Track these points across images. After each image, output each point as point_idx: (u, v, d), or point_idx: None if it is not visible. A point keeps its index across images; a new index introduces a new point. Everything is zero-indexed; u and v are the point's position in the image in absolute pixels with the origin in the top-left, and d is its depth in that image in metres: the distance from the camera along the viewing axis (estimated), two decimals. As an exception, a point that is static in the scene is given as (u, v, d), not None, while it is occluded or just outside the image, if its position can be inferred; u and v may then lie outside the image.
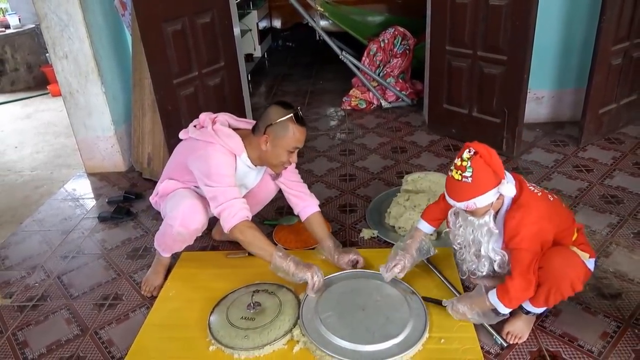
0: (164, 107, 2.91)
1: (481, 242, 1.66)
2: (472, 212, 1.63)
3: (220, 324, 1.86)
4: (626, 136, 3.27)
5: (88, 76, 3.04)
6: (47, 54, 6.43)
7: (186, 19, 2.94)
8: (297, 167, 3.09)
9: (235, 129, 2.02)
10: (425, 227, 1.96)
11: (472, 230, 1.67)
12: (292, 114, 1.87)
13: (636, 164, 2.92)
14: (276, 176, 2.14)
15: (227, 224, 1.87)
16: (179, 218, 1.95)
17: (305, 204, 2.20)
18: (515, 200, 1.62)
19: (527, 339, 1.77)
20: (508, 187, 1.57)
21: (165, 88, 2.90)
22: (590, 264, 1.71)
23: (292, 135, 1.89)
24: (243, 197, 2.19)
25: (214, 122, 1.99)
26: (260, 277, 2.08)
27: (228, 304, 1.96)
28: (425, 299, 1.91)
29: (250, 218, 1.91)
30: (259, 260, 2.25)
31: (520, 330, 1.76)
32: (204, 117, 2.04)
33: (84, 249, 2.52)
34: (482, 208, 1.59)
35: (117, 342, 1.91)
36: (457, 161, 1.56)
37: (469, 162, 1.53)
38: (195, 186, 2.03)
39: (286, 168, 2.05)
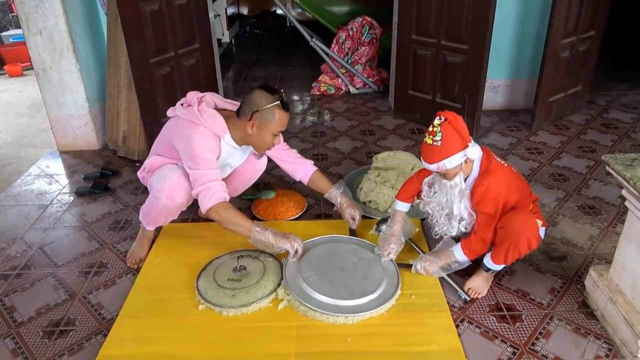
0: (141, 85, 2.97)
1: (454, 202, 1.86)
2: (445, 175, 1.82)
3: (208, 285, 1.98)
4: (572, 123, 3.59)
5: (63, 53, 3.04)
6: (1, 34, 6.22)
7: (163, -1, 3.00)
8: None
9: (222, 110, 2.09)
10: (403, 207, 2.14)
11: (446, 193, 1.87)
12: (278, 101, 1.96)
13: (580, 147, 3.23)
14: (260, 156, 2.26)
15: (204, 205, 1.95)
16: (166, 191, 2.02)
17: (303, 168, 2.35)
18: (484, 168, 1.84)
19: (487, 294, 1.99)
20: (473, 150, 1.77)
21: (142, 67, 2.95)
22: (542, 232, 1.94)
23: (278, 120, 1.99)
24: (229, 176, 2.30)
25: (200, 102, 2.05)
26: (243, 245, 2.19)
27: (214, 268, 2.08)
28: (399, 264, 2.09)
29: (227, 199, 2.00)
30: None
31: (480, 286, 1.98)
32: (192, 95, 2.09)
33: (64, 221, 2.56)
34: (452, 169, 1.78)
35: (107, 305, 1.99)
36: (430, 127, 1.76)
37: (438, 128, 1.73)
38: (182, 162, 2.09)
39: (270, 149, 2.16)
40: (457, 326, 1.84)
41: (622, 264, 1.80)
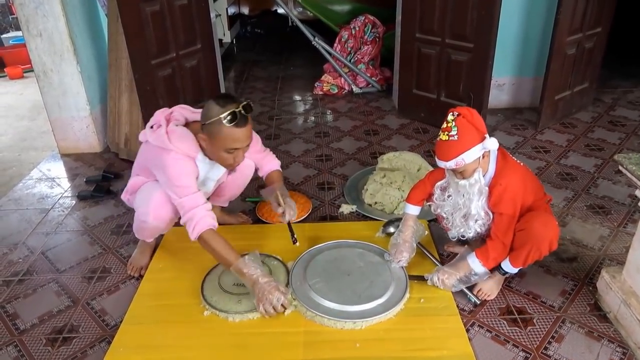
0: (142, 87, 2.94)
1: (472, 201, 1.80)
2: (462, 172, 1.76)
3: (213, 290, 1.95)
4: (579, 121, 3.55)
5: (63, 55, 3.01)
6: (1, 36, 6.21)
7: (164, 0, 2.96)
8: (274, 148, 3.21)
9: (194, 122, 1.95)
10: (414, 210, 2.07)
11: (464, 194, 1.81)
12: (225, 114, 1.71)
13: (587, 145, 3.19)
14: (231, 172, 2.06)
15: (191, 236, 1.86)
16: (151, 213, 1.93)
17: (267, 165, 2.21)
18: (500, 167, 1.79)
19: (496, 297, 1.95)
20: (491, 141, 1.71)
21: (144, 68, 2.92)
22: None
23: (225, 136, 1.76)
24: (219, 189, 2.20)
25: (168, 120, 1.91)
26: (247, 248, 2.16)
27: (219, 272, 2.04)
28: (411, 277, 2.02)
29: (215, 226, 1.86)
30: (246, 233, 2.35)
31: (490, 288, 1.94)
32: (159, 115, 1.94)
33: (66, 226, 2.53)
34: (471, 165, 1.72)
35: (110, 311, 1.96)
36: (444, 124, 1.71)
37: (453, 123, 1.68)
38: None
39: (235, 166, 1.93)
40: (467, 330, 1.80)
41: (635, 265, 1.77)
